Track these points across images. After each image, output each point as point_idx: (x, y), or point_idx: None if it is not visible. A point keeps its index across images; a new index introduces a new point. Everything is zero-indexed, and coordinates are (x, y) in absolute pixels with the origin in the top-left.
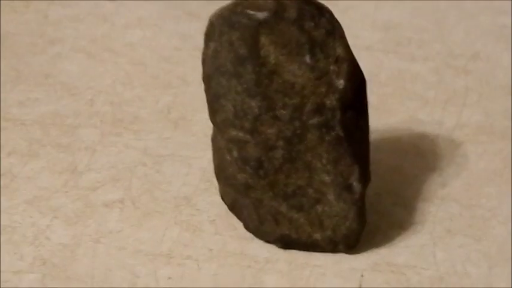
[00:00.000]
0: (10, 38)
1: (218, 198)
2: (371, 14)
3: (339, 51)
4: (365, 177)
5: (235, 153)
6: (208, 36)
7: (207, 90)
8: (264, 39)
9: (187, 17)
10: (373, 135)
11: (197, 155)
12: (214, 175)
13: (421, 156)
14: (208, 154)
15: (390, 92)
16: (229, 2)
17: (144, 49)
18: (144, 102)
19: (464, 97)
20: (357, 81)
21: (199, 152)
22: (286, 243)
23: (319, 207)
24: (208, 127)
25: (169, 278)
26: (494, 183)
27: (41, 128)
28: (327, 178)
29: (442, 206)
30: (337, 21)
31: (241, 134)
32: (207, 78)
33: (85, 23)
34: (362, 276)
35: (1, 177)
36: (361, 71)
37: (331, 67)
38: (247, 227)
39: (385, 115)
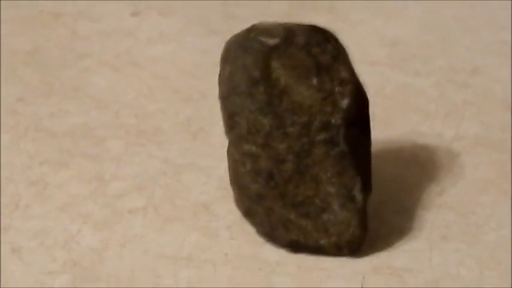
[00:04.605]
0: (41, 53)
1: (233, 206)
2: (379, 29)
3: (344, 74)
4: (367, 188)
5: (248, 166)
6: (225, 59)
7: (223, 108)
8: (274, 63)
9: (207, 33)
10: (376, 146)
11: (214, 164)
12: (229, 184)
13: (421, 167)
14: (225, 164)
15: (394, 106)
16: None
17: (166, 63)
18: (165, 115)
19: (463, 110)
20: (360, 101)
21: (217, 162)
22: (295, 247)
23: (325, 216)
24: (224, 138)
25: (189, 280)
26: (488, 192)
27: (71, 139)
28: (332, 189)
29: (439, 213)
30: (342, 46)
31: (254, 149)
32: (223, 98)
33: (111, 37)
34: (364, 278)
35: (34, 185)
36: (364, 91)
37: (336, 88)
38: (259, 233)
39: (388, 127)
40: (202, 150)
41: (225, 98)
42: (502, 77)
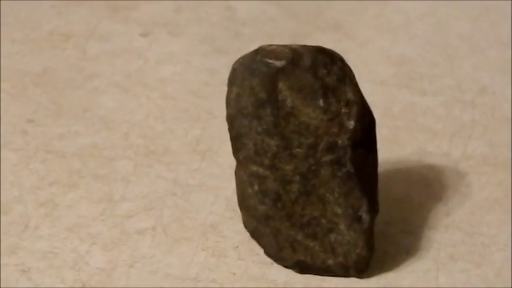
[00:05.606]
0: (51, 74)
1: (241, 226)
2: (386, 48)
3: (350, 95)
4: (373, 209)
5: (255, 187)
6: (232, 81)
7: (231, 129)
8: (281, 85)
9: (215, 53)
10: (383, 166)
11: (222, 185)
12: (237, 205)
13: (428, 186)
14: (233, 184)
15: (401, 125)
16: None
17: (175, 84)
18: (174, 135)
19: (471, 130)
20: (366, 122)
21: (225, 183)
22: (303, 268)
23: (331, 236)
24: (232, 159)
25: None
26: (495, 212)
27: (80, 159)
28: (338, 210)
29: (446, 233)
30: (348, 67)
31: (261, 170)
32: (231, 119)
33: (120, 58)
34: None
35: (43, 206)
36: (370, 112)
37: (343, 110)
38: (267, 253)
39: (396, 147)
40: (211, 171)
41: (232, 119)
42: (509, 96)
